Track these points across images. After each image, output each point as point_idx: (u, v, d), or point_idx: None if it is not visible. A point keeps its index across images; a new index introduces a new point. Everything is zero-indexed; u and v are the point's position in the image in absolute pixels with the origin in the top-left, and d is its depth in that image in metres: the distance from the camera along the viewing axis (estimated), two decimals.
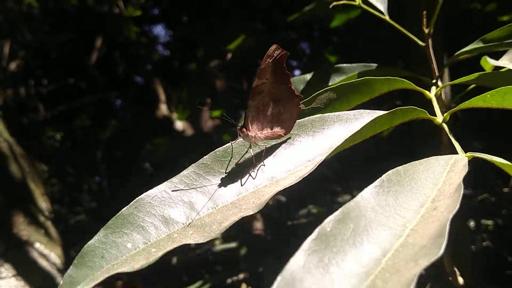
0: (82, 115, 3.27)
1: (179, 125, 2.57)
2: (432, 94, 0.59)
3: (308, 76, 0.68)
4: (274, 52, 0.46)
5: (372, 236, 0.33)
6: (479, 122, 1.43)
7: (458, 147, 0.47)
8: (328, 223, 0.33)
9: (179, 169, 0.45)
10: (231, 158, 0.46)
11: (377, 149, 1.66)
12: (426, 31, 0.65)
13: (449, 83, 0.62)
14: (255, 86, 0.47)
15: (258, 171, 0.45)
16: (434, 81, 0.66)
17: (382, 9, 0.68)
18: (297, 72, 2.91)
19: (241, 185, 0.44)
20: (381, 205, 0.35)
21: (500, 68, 0.65)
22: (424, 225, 0.33)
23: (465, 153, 0.45)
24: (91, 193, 3.38)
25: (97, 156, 3.20)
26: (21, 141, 1.52)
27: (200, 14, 2.34)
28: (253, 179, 0.44)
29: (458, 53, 0.64)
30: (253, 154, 0.46)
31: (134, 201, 0.42)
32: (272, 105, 0.48)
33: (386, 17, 0.68)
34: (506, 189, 1.56)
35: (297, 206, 1.87)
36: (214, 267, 1.83)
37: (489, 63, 0.66)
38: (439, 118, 0.53)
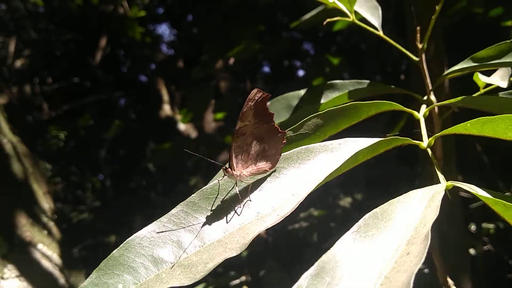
0: (86, 114, 3.29)
1: (182, 126, 2.58)
2: (420, 114, 0.59)
3: (302, 91, 0.69)
4: (256, 95, 0.48)
5: None
6: None
7: (440, 176, 0.47)
8: (304, 279, 0.33)
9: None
10: (217, 195, 0.47)
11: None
12: (419, 46, 0.65)
13: (436, 104, 0.62)
14: (237, 128, 0.48)
15: (244, 207, 0.46)
16: (425, 98, 0.67)
17: (376, 24, 0.69)
18: (301, 73, 2.92)
19: (227, 222, 0.45)
20: (357, 253, 0.36)
21: (491, 84, 0.66)
22: (396, 273, 0.33)
23: (447, 181, 0.46)
24: (95, 191, 3.40)
25: (101, 155, 3.21)
26: (25, 139, 1.54)
27: (205, 13, 2.35)
28: (238, 215, 0.45)
29: (446, 72, 0.65)
30: (238, 191, 0.47)
31: (125, 242, 0.42)
32: (256, 143, 0.49)
33: (380, 32, 0.68)
34: (508, 193, 1.56)
35: (298, 209, 1.87)
36: (216, 269, 1.83)
37: (481, 80, 0.67)
38: (425, 143, 0.53)
